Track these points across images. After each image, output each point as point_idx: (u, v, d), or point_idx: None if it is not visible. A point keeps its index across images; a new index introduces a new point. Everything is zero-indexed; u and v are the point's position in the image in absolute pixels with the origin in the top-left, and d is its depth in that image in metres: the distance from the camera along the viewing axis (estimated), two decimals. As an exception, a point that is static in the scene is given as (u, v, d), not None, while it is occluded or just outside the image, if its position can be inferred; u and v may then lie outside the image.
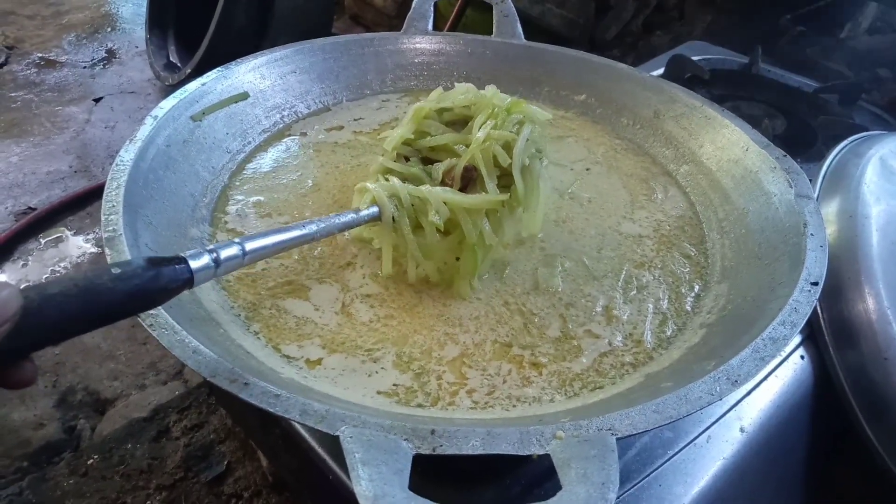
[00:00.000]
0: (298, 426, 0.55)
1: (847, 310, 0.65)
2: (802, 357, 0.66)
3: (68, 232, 1.58)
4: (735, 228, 0.65)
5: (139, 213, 0.54)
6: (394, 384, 0.49)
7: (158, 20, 2.20)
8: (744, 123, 0.71)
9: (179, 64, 2.15)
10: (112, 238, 0.48)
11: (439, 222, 0.54)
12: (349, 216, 0.53)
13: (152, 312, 0.42)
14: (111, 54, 2.40)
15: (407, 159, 0.62)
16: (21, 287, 0.32)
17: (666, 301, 0.59)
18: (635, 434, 0.38)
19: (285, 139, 0.77)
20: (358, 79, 0.86)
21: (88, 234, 1.58)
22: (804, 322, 0.46)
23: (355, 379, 0.49)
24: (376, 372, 0.50)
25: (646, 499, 0.53)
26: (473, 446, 0.36)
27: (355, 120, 0.82)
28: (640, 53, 1.68)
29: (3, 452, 1.11)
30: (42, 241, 1.55)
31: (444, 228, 0.55)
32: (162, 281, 0.38)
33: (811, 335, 0.67)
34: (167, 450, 1.13)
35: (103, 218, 0.50)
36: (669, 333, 0.56)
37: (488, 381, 0.50)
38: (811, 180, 0.65)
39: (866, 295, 0.64)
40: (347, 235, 0.62)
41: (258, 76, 0.77)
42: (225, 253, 0.43)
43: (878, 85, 1.11)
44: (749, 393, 0.61)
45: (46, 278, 1.43)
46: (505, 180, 0.59)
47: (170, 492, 1.06)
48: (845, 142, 0.81)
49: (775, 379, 0.64)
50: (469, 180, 0.58)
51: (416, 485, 0.33)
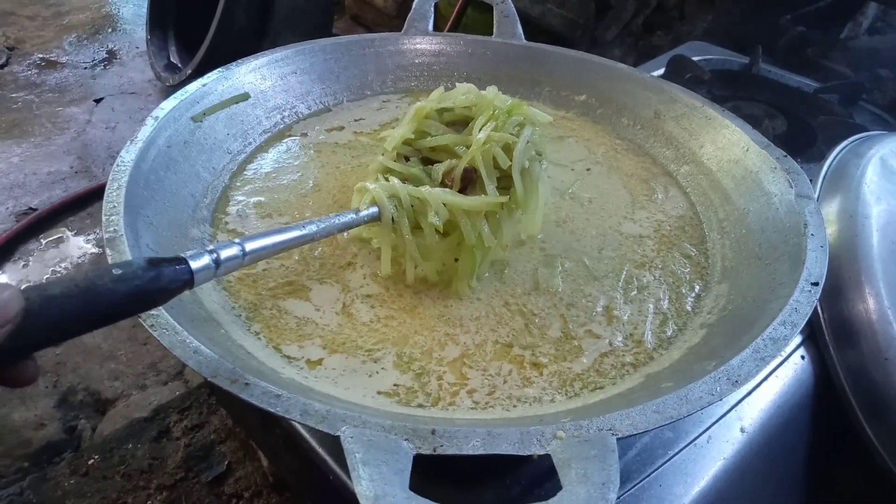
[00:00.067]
0: (299, 426, 0.55)
1: (847, 310, 0.65)
2: (803, 357, 0.66)
3: (69, 232, 1.59)
4: (735, 229, 0.65)
5: (140, 214, 0.54)
6: (394, 384, 0.49)
7: (159, 21, 2.20)
8: (744, 124, 0.71)
9: (180, 65, 2.16)
10: (113, 238, 0.49)
11: (438, 224, 0.54)
12: (349, 216, 0.53)
13: (153, 313, 0.42)
14: (112, 55, 2.40)
15: (407, 159, 0.62)
16: (22, 288, 0.32)
17: (666, 301, 0.59)
18: (636, 434, 0.38)
19: (286, 140, 0.77)
20: (358, 79, 0.86)
21: (89, 235, 1.58)
22: (804, 322, 0.46)
23: (356, 379, 0.49)
24: (377, 372, 0.50)
25: (646, 499, 0.53)
26: (474, 446, 0.36)
27: (356, 120, 0.82)
28: (641, 54, 1.68)
29: (4, 452, 1.11)
30: (43, 242, 1.55)
31: (444, 230, 0.55)
32: (162, 281, 0.38)
33: (811, 335, 0.67)
34: (168, 450, 1.13)
35: (104, 218, 0.50)
36: (670, 334, 0.56)
37: (489, 382, 0.50)
38: (811, 180, 0.65)
39: (867, 295, 0.64)
40: (347, 235, 0.62)
41: (259, 77, 0.77)
42: (225, 253, 0.43)
43: (879, 85, 1.11)
44: (749, 393, 0.61)
45: (47, 279, 1.44)
46: (504, 182, 0.59)
47: (170, 492, 1.07)
48: (845, 142, 0.81)
49: (776, 379, 0.64)
50: (469, 182, 0.58)
51: (417, 485, 0.33)
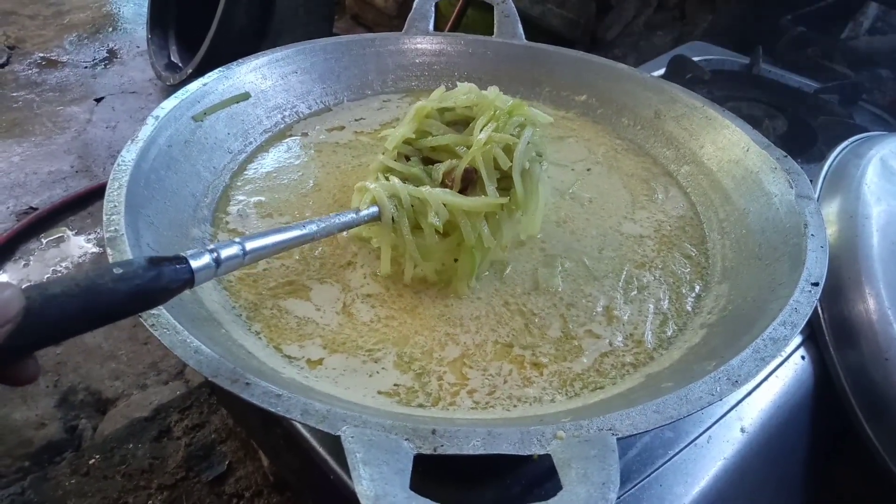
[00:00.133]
0: (300, 426, 0.55)
1: (847, 310, 0.65)
2: (803, 357, 0.66)
3: (70, 232, 1.59)
4: (736, 229, 0.65)
5: (141, 213, 0.54)
6: (395, 384, 0.49)
7: (160, 20, 2.20)
8: (744, 124, 0.71)
9: (181, 64, 2.16)
10: (114, 238, 0.49)
11: (438, 224, 0.54)
12: (349, 216, 0.53)
13: (154, 312, 0.42)
14: (112, 54, 2.40)
15: (408, 159, 0.62)
16: (23, 287, 0.32)
17: (666, 301, 0.59)
18: (636, 434, 0.38)
19: (286, 139, 0.77)
20: (359, 79, 0.86)
21: (90, 234, 1.58)
22: (805, 322, 0.46)
23: (356, 379, 0.49)
24: (377, 372, 0.50)
25: (646, 499, 0.53)
26: (474, 446, 0.36)
27: (356, 120, 0.82)
28: (642, 54, 1.68)
29: (5, 452, 1.11)
30: (43, 241, 1.55)
31: (444, 230, 0.55)
32: (163, 280, 0.38)
33: (812, 335, 0.67)
34: (168, 449, 1.13)
35: (105, 218, 0.50)
36: (670, 334, 0.56)
37: (489, 382, 0.50)
38: (812, 181, 0.65)
39: (867, 295, 0.64)
40: (347, 234, 0.62)
41: (259, 76, 0.77)
42: (225, 252, 0.43)
43: (879, 85, 1.10)
44: (750, 393, 0.61)
45: (48, 278, 1.44)
46: (505, 183, 0.59)
47: (171, 491, 1.07)
48: (846, 142, 0.81)
49: (776, 379, 0.64)
50: (469, 182, 0.58)
51: (417, 485, 0.33)
